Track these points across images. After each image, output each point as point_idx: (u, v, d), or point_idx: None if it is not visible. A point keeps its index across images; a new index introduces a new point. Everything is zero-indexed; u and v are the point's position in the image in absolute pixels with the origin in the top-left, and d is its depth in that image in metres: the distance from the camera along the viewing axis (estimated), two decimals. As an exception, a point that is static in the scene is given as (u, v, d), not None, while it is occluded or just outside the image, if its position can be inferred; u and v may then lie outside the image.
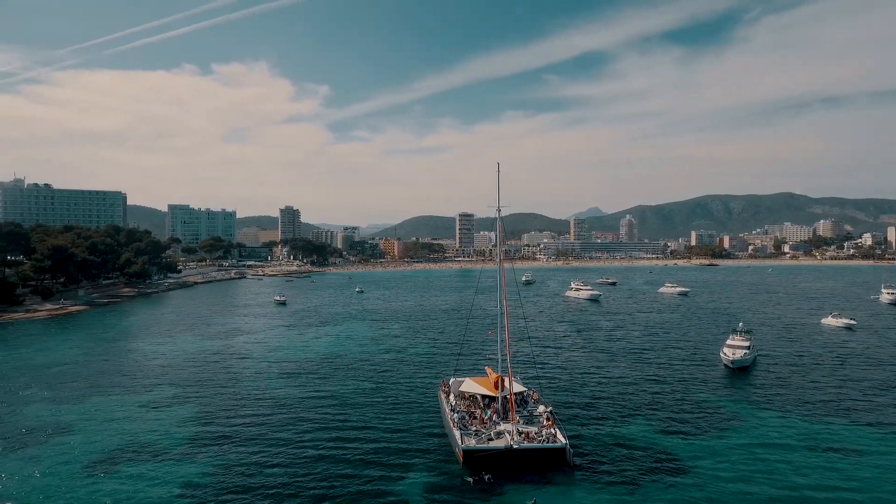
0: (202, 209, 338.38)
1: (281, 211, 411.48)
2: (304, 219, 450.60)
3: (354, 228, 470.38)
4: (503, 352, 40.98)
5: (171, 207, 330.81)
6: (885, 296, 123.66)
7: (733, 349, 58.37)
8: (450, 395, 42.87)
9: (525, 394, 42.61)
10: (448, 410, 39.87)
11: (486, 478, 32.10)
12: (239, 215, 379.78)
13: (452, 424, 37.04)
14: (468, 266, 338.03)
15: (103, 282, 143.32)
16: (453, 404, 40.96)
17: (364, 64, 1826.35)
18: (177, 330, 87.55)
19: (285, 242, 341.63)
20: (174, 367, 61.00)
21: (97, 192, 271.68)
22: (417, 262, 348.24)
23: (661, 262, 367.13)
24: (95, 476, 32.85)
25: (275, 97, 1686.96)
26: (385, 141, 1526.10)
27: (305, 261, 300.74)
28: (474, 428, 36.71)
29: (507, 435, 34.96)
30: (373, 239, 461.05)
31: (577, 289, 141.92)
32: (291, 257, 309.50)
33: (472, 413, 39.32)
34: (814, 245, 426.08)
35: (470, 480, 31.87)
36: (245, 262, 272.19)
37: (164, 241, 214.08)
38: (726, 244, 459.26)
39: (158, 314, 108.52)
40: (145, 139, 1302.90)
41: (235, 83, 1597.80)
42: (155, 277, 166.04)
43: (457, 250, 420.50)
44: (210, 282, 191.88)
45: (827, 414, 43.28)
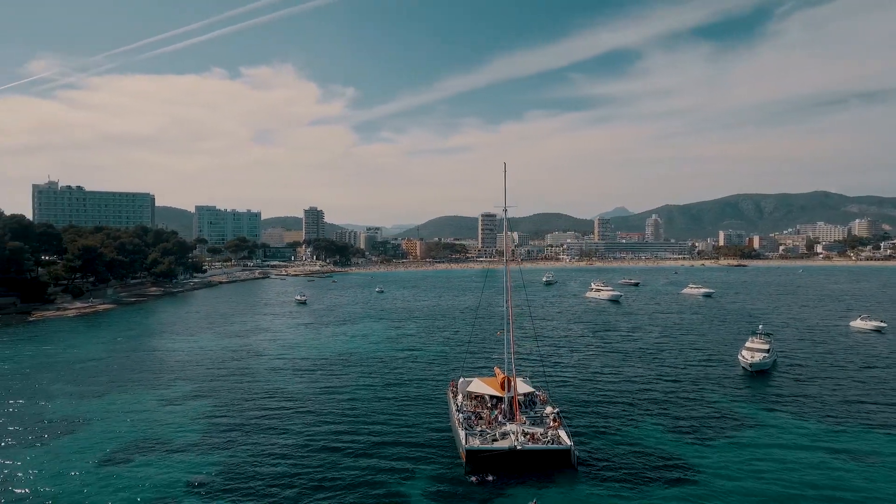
0: (228, 210, 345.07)
1: (305, 212, 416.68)
2: (330, 220, 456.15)
3: (377, 229, 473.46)
4: (513, 352, 40.82)
5: (198, 208, 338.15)
6: None
7: (752, 352, 57.01)
8: (458, 395, 42.90)
9: (533, 395, 42.36)
10: (454, 410, 39.93)
11: (490, 478, 32.04)
12: (266, 216, 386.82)
13: (458, 424, 37.07)
14: (490, 266, 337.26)
15: (131, 281, 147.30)
16: (460, 404, 40.98)
17: (389, 65, 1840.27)
18: (198, 328, 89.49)
19: (309, 243, 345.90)
20: (192, 364, 62.39)
21: (127, 194, 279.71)
22: (439, 263, 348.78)
23: (688, 263, 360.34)
24: (109, 467, 33.86)
25: (302, 99, 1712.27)
26: (409, 141, 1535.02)
27: (328, 261, 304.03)
28: (479, 428, 36.66)
29: (512, 436, 34.79)
30: (395, 239, 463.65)
31: (598, 289, 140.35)
32: (314, 257, 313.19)
33: (479, 413, 39.27)
34: (848, 245, 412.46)
35: (473, 480, 31.86)
36: (269, 262, 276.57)
37: (191, 242, 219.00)
38: (756, 244, 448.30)
39: (182, 313, 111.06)
40: (177, 142, 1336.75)
41: (263, 86, 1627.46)
42: (181, 277, 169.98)
43: (479, 250, 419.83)
44: (234, 281, 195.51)
45: (847, 419, 41.96)
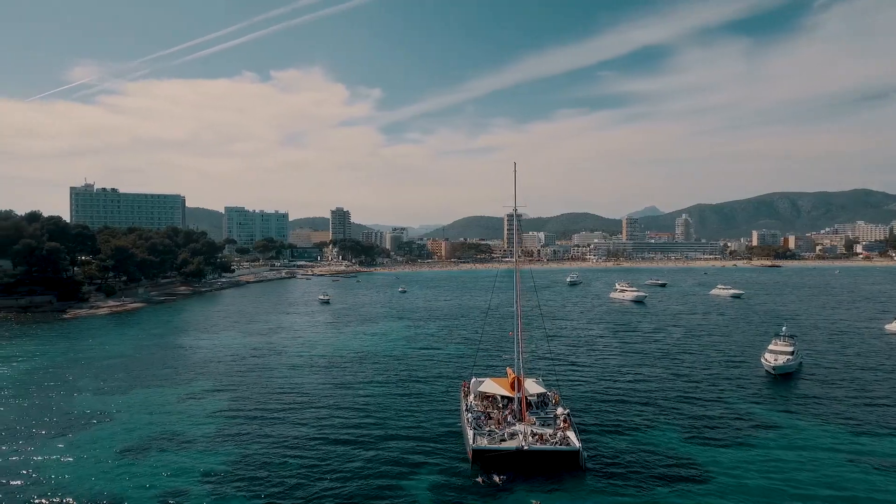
0: (256, 211, 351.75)
1: (332, 212, 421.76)
2: (358, 220, 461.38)
3: (403, 229, 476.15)
4: (521, 352, 40.60)
5: (228, 209, 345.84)
6: None
7: (775, 354, 55.33)
8: (469, 395, 42.89)
9: (546, 395, 42.04)
10: (464, 410, 39.94)
11: (497, 479, 31.91)
12: (294, 217, 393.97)
13: (467, 424, 37.10)
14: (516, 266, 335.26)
15: (162, 280, 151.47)
16: (471, 404, 40.96)
17: (416, 66, 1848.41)
18: (222, 326, 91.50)
19: (335, 243, 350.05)
20: (214, 361, 63.83)
21: (158, 196, 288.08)
22: (464, 263, 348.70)
23: (719, 263, 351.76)
24: (126, 459, 34.94)
25: (330, 101, 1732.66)
26: (437, 142, 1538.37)
27: (354, 261, 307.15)
28: (488, 428, 36.57)
29: (520, 436, 34.62)
30: (421, 239, 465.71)
31: (622, 290, 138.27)
32: (340, 258, 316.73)
33: (488, 413, 39.19)
34: (890, 245, 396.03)
35: (479, 480, 31.78)
36: (296, 263, 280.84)
37: (220, 242, 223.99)
38: (791, 244, 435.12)
39: (209, 312, 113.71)
40: (209, 145, 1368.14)
41: (292, 89, 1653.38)
42: (209, 276, 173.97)
43: (504, 251, 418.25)
44: (261, 281, 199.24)
45: (872, 423, 40.42)
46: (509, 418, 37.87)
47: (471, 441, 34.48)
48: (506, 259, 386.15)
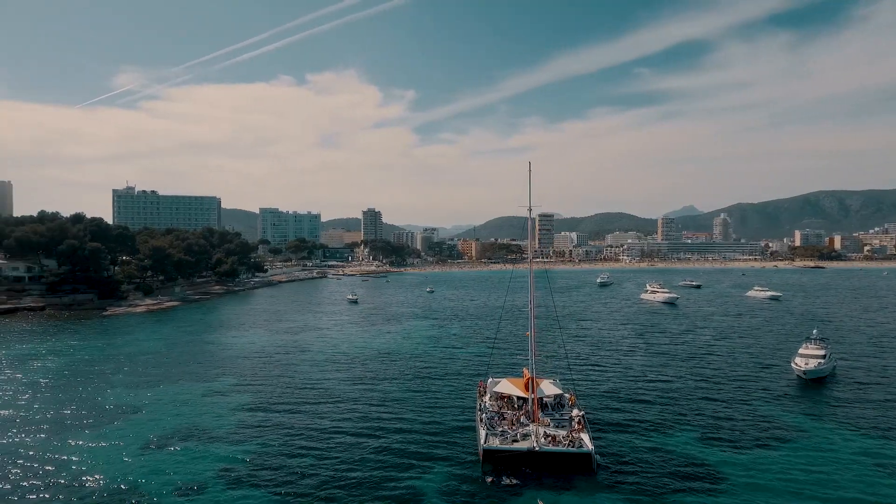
0: (290, 212, 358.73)
1: (363, 213, 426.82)
2: (391, 221, 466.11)
3: (434, 229, 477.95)
4: (536, 353, 40.36)
5: (262, 210, 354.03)
6: None
7: (806, 358, 53.28)
8: (485, 395, 42.83)
9: (562, 397, 41.61)
10: (478, 410, 39.92)
11: (507, 479, 31.77)
12: (329, 217, 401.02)
13: (480, 423, 37.08)
14: (547, 267, 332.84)
15: (197, 280, 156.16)
16: (486, 404, 40.90)
17: (449, 67, 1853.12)
18: (252, 325, 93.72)
19: (366, 243, 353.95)
20: (241, 358, 65.47)
21: (195, 197, 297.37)
22: (494, 263, 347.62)
23: (759, 264, 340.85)
24: (149, 452, 36.21)
25: (364, 103, 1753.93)
26: (470, 142, 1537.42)
27: (384, 261, 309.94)
28: (500, 428, 36.44)
29: (533, 437, 34.40)
30: (451, 240, 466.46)
31: (653, 291, 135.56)
32: (371, 258, 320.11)
33: (502, 413, 39.04)
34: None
35: (488, 480, 31.71)
36: (328, 263, 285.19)
37: (253, 243, 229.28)
38: (837, 245, 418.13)
39: (241, 310, 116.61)
40: (247, 147, 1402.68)
41: (327, 91, 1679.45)
42: (243, 276, 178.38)
43: (535, 250, 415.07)
44: (293, 280, 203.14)
45: (907, 433, 38.51)
46: (522, 419, 37.66)
47: (482, 441, 34.46)
48: (536, 259, 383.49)
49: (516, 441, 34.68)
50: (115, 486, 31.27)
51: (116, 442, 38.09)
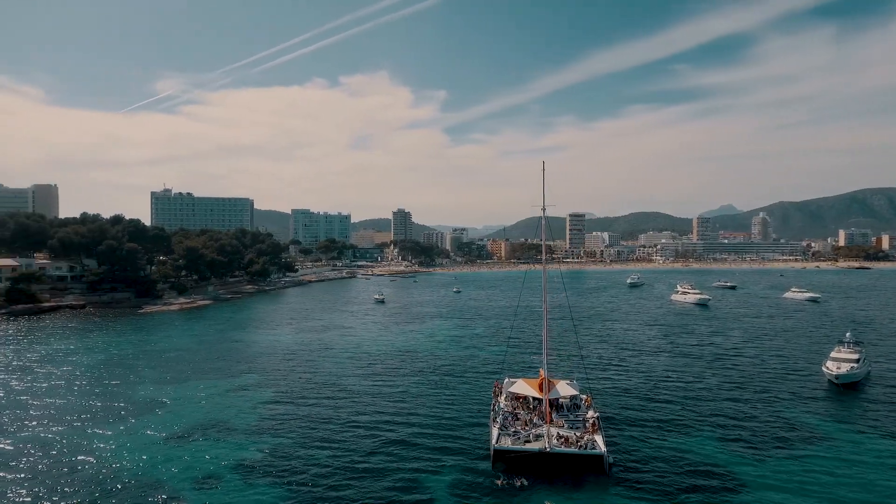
0: (321, 213, 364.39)
1: (393, 213, 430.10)
2: (423, 221, 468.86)
3: (463, 230, 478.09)
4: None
5: (294, 212, 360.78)
6: None
7: (838, 362, 51.23)
8: (500, 395, 42.76)
9: (578, 398, 41.24)
10: (493, 410, 39.89)
11: (518, 480, 31.65)
12: (359, 218, 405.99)
13: (493, 423, 37.07)
14: (577, 267, 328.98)
15: (230, 279, 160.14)
16: (501, 404, 40.83)
17: (480, 67, 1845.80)
18: (279, 323, 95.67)
19: (395, 244, 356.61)
20: (266, 356, 66.94)
21: (229, 199, 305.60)
22: (523, 263, 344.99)
23: (800, 265, 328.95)
24: (171, 445, 37.42)
25: (396, 105, 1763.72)
26: (501, 142, 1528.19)
27: (413, 261, 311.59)
28: (513, 429, 36.34)
29: (545, 438, 34.18)
30: (481, 240, 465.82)
31: (684, 292, 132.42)
32: (400, 258, 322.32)
33: (516, 414, 38.91)
34: None
35: (499, 480, 31.66)
36: (357, 263, 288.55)
37: (285, 243, 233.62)
38: (885, 244, 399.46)
39: (270, 309, 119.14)
40: (282, 150, 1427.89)
41: (360, 93, 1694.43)
42: (273, 276, 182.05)
43: (565, 251, 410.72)
44: (323, 280, 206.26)
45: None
46: (535, 420, 37.47)
47: (493, 441, 34.45)
48: (567, 259, 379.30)
49: (528, 442, 34.54)
50: (138, 476, 32.46)
51: (142, 434, 39.53)
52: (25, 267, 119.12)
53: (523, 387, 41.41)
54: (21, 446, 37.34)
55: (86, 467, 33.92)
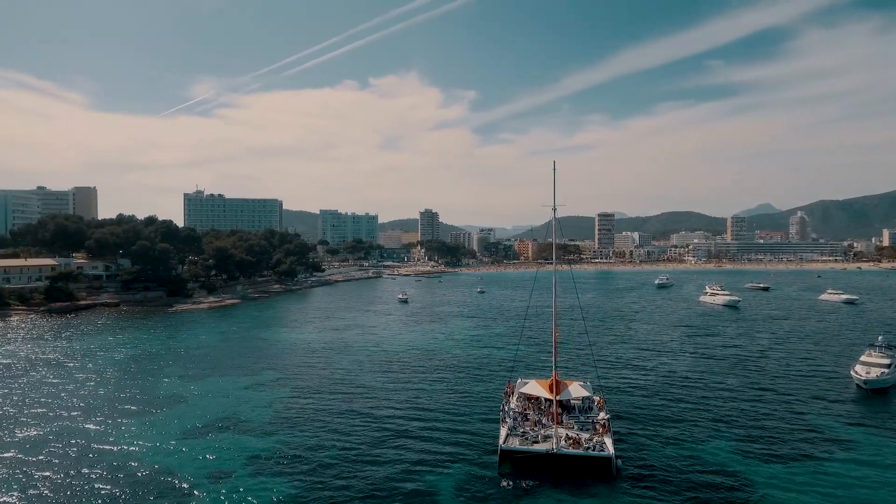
0: (349, 213, 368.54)
1: (421, 214, 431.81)
2: (451, 221, 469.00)
3: (490, 230, 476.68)
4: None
5: (322, 212, 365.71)
6: None
7: (867, 367, 49.29)
8: (512, 396, 42.63)
9: (591, 400, 40.81)
10: (504, 410, 39.79)
11: (524, 480, 31.54)
12: (388, 218, 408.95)
13: (502, 424, 36.99)
14: (605, 268, 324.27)
15: (258, 279, 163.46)
16: (512, 404, 40.70)
17: (509, 66, 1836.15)
18: (302, 322, 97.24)
19: (421, 244, 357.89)
20: (286, 354, 68.20)
21: (258, 200, 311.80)
22: (550, 263, 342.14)
23: (840, 266, 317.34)
24: (187, 439, 38.54)
25: (425, 105, 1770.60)
26: (530, 141, 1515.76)
27: (440, 261, 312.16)
28: (522, 429, 36.19)
29: (554, 439, 33.96)
30: (509, 240, 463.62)
31: (713, 293, 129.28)
32: (427, 258, 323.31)
33: (525, 414, 38.74)
34: None
35: (504, 480, 31.63)
36: (384, 263, 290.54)
37: (312, 243, 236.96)
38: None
39: (295, 308, 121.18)
40: (313, 151, 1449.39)
41: (390, 94, 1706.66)
42: (301, 276, 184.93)
43: (594, 251, 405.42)
44: (349, 280, 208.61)
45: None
46: (544, 420, 37.25)
47: (501, 441, 34.40)
48: (595, 260, 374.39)
49: (536, 442, 34.40)
50: (154, 468, 33.54)
51: (162, 427, 40.80)
52: (64, 266, 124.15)
53: (535, 387, 41.16)
54: (49, 436, 39.00)
55: (106, 457, 35.22)
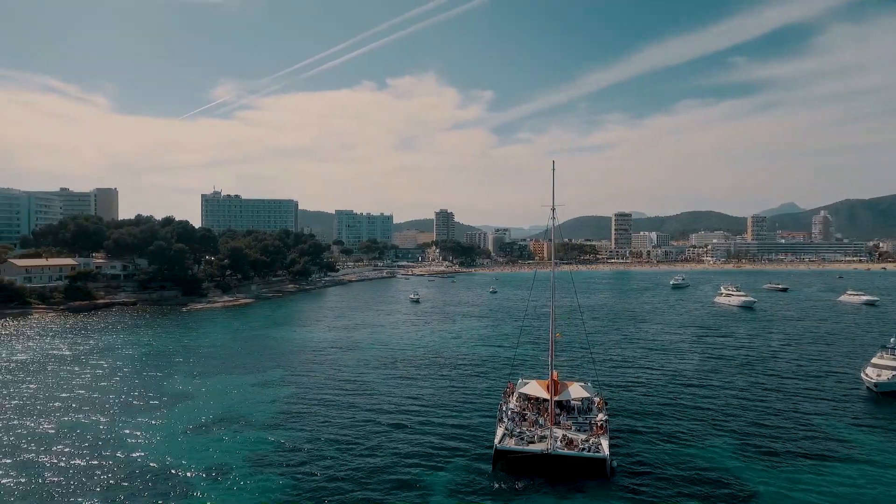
0: (364, 214, 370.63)
1: (436, 214, 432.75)
2: (468, 221, 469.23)
3: (506, 230, 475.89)
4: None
5: (338, 212, 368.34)
6: None
7: (879, 369, 48.23)
8: (512, 396, 42.62)
9: (591, 400, 40.66)
10: (501, 410, 39.78)
11: (517, 480, 31.54)
12: (405, 218, 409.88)
13: (499, 424, 37.01)
14: (622, 268, 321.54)
15: (272, 278, 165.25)
16: (510, 404, 40.69)
17: (527, 65, 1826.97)
18: (313, 321, 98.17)
19: (436, 244, 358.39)
20: (294, 352, 68.97)
21: (274, 201, 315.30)
22: (565, 264, 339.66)
23: (863, 266, 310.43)
24: (190, 435, 39.24)
25: (442, 105, 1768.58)
26: (548, 141, 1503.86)
27: (455, 262, 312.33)
28: (519, 430, 36.16)
29: (549, 439, 33.88)
30: (524, 240, 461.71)
31: (728, 294, 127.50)
32: (441, 258, 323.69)
33: (523, 415, 38.70)
34: None
35: (498, 480, 31.64)
36: (398, 263, 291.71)
37: (327, 243, 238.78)
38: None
39: (307, 308, 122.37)
40: (330, 152, 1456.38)
41: (407, 95, 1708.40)
42: (315, 275, 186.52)
43: (610, 251, 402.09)
44: (363, 280, 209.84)
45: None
46: (541, 421, 37.17)
47: (496, 441, 34.38)
48: (611, 260, 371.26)
49: (532, 443, 34.32)
50: (156, 463, 34.24)
51: (167, 424, 41.58)
52: (83, 266, 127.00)
53: (534, 388, 41.15)
54: (60, 430, 40.06)
55: (113, 452, 36.05)
